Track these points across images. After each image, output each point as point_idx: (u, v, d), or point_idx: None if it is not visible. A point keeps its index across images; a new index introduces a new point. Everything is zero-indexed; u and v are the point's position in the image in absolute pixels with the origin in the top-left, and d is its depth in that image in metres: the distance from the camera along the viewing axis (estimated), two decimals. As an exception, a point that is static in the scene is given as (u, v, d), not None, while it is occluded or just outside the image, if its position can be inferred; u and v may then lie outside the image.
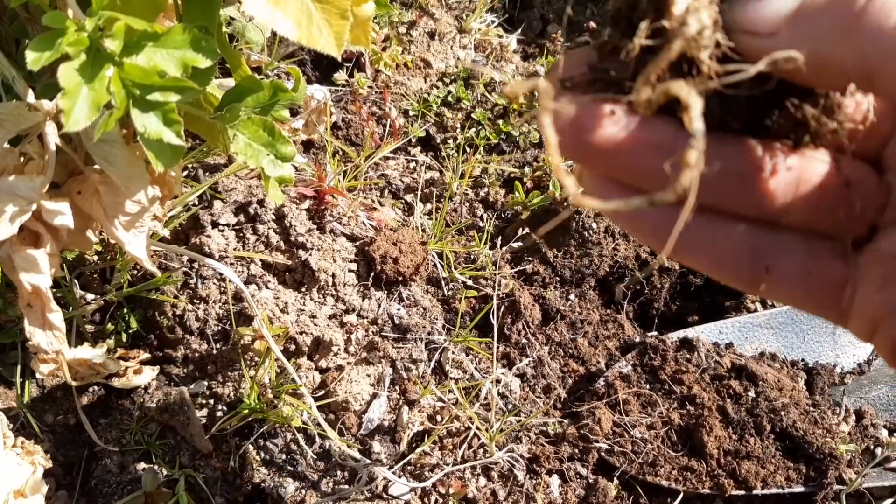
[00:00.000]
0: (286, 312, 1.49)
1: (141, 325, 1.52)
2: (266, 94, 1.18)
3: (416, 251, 1.58)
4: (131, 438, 1.44)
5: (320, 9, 0.99)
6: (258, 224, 1.55)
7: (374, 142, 1.80)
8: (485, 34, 2.02)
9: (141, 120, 1.00)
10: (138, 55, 0.97)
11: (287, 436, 1.44)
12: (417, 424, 1.43)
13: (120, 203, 1.22)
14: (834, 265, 0.53)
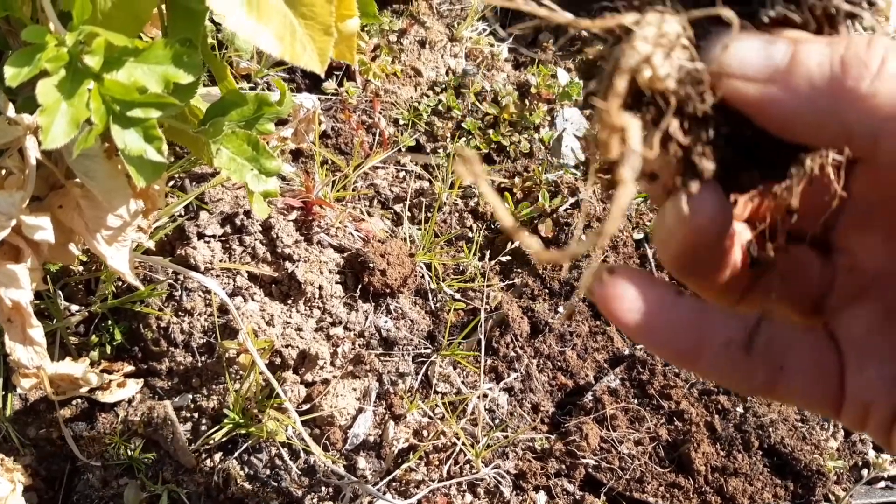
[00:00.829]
0: (272, 325, 1.48)
1: (126, 337, 1.50)
2: (251, 108, 1.16)
3: (404, 263, 1.57)
4: (114, 453, 1.43)
5: (304, 24, 0.98)
6: (245, 235, 1.54)
7: (364, 151, 1.79)
8: (476, 42, 2.01)
9: (121, 136, 0.99)
10: (119, 71, 0.96)
11: (272, 450, 1.42)
12: (403, 441, 1.42)
13: (102, 217, 1.21)
14: (832, 354, 0.53)
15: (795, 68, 0.42)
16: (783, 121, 0.43)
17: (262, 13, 0.97)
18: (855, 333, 0.54)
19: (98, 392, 1.43)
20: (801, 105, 0.42)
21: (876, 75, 0.40)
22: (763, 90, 0.43)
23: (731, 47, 0.44)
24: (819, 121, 0.42)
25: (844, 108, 0.41)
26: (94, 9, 0.99)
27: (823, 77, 0.41)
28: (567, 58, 2.04)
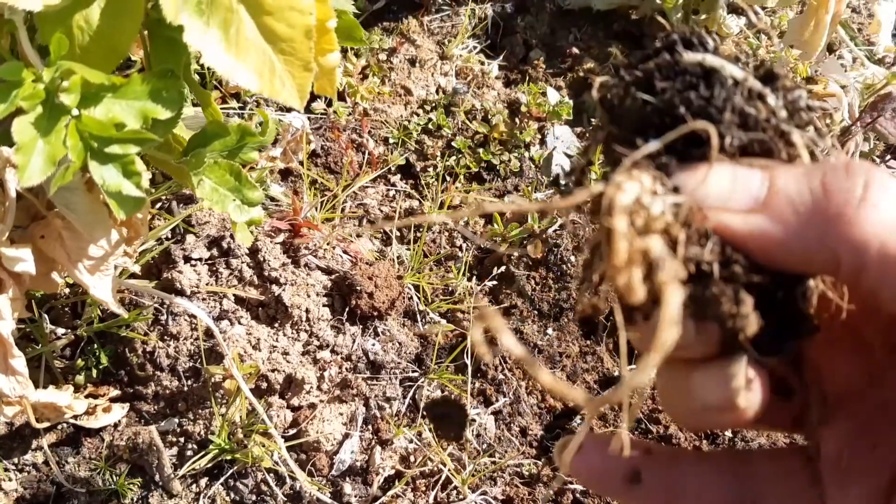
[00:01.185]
0: (258, 349, 1.47)
1: (111, 361, 1.50)
2: (233, 139, 1.16)
3: (392, 285, 1.56)
4: (99, 478, 1.42)
5: (283, 60, 0.97)
6: (231, 258, 1.53)
7: (353, 170, 1.78)
8: (466, 60, 2.00)
9: (99, 172, 0.98)
10: (96, 107, 0.95)
11: (258, 476, 1.42)
12: (389, 467, 1.42)
13: (83, 247, 1.20)
14: (808, 480, 0.53)
15: (775, 197, 0.42)
16: (772, 251, 0.43)
17: (241, 49, 0.96)
18: (831, 453, 0.53)
19: (83, 417, 1.43)
20: (788, 234, 0.42)
21: (861, 201, 0.40)
22: (748, 221, 0.43)
23: (708, 179, 0.44)
24: (807, 250, 0.42)
25: (832, 237, 0.41)
26: (72, 43, 0.99)
27: (805, 204, 0.41)
28: (557, 75, 2.03)
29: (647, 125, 0.49)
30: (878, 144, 1.97)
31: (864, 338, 0.52)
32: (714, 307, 0.44)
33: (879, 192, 0.40)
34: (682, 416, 0.49)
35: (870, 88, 2.01)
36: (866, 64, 2.09)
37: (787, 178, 0.43)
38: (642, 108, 0.51)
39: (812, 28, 1.82)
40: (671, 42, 0.53)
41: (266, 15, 0.96)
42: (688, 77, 0.50)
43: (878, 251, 0.40)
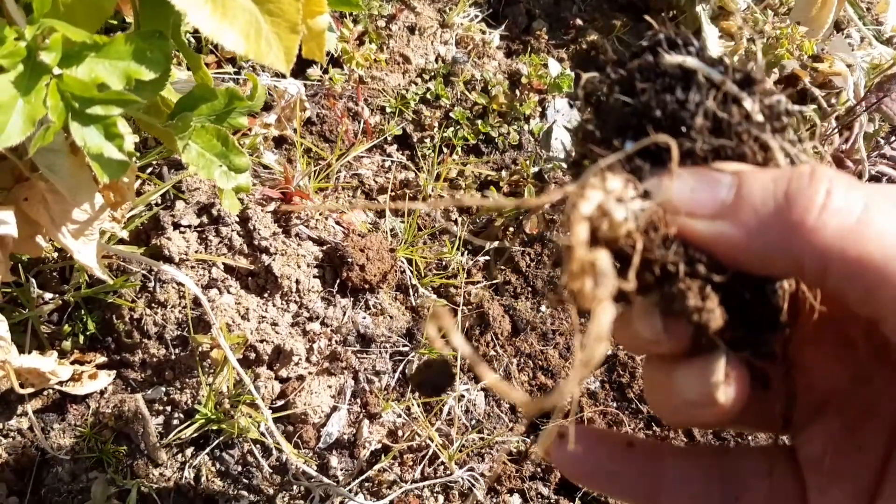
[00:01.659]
0: (247, 319, 1.45)
1: (99, 328, 1.48)
2: (221, 103, 1.13)
3: (384, 258, 1.54)
4: (84, 445, 1.41)
5: (270, 22, 0.94)
6: (221, 226, 1.51)
7: (349, 139, 1.75)
8: (467, 29, 1.97)
9: (80, 133, 0.96)
10: (79, 66, 0.93)
11: (244, 447, 1.40)
12: (376, 441, 1.40)
13: (68, 211, 1.18)
14: (791, 479, 0.55)
15: (741, 203, 0.44)
16: (735, 255, 0.44)
17: (227, 10, 0.93)
18: (814, 453, 0.55)
19: (69, 384, 1.41)
20: (750, 239, 0.43)
21: (822, 208, 0.41)
22: (712, 226, 0.44)
23: (675, 184, 0.45)
24: (769, 254, 0.43)
25: (793, 242, 0.42)
26: (56, 1, 0.96)
27: (769, 211, 0.43)
28: (560, 47, 1.99)
29: (627, 125, 0.50)
30: (884, 125, 1.94)
31: (850, 340, 0.53)
32: (679, 302, 0.46)
33: (841, 198, 0.41)
34: (666, 412, 0.51)
35: (877, 68, 1.97)
36: (874, 43, 2.05)
37: (754, 184, 0.44)
38: (623, 107, 0.51)
39: (819, 5, 1.78)
40: (656, 42, 0.53)
41: (254, -25, 0.93)
42: (667, 79, 0.50)
43: (839, 257, 0.41)
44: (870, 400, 0.52)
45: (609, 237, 0.45)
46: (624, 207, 0.45)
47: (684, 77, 0.49)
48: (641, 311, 0.48)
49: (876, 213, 0.41)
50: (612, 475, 0.55)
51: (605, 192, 0.45)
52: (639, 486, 0.55)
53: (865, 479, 0.51)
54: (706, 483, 0.55)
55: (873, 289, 0.41)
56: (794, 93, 1.98)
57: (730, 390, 0.47)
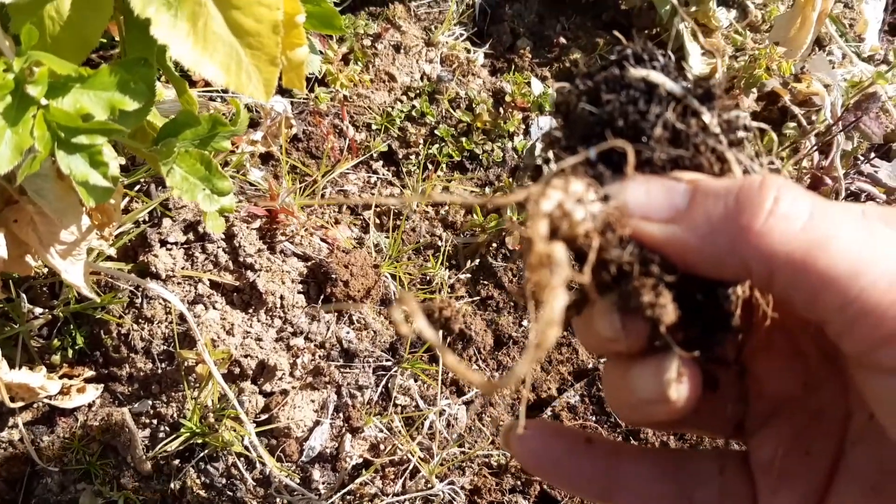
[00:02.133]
0: (232, 334, 1.48)
1: (87, 342, 1.51)
2: (205, 128, 1.16)
3: (368, 274, 1.57)
4: (73, 457, 1.44)
5: (250, 54, 0.98)
6: (207, 243, 1.54)
7: (335, 156, 1.79)
8: (452, 48, 2.00)
9: (66, 162, 0.99)
10: (64, 97, 0.96)
11: (228, 460, 1.43)
12: (357, 456, 1.43)
13: (55, 233, 1.21)
14: (743, 482, 0.57)
15: (694, 208, 0.46)
16: (687, 258, 0.47)
17: (208, 43, 0.96)
18: (765, 457, 0.57)
19: (58, 397, 1.44)
20: (702, 243, 0.45)
21: (769, 213, 0.43)
22: (665, 229, 0.46)
23: (631, 187, 0.48)
24: (719, 257, 0.45)
25: (741, 246, 0.44)
26: (43, 34, 0.99)
27: (719, 216, 0.45)
28: (544, 65, 2.03)
29: (592, 134, 0.53)
30: (862, 143, 1.97)
31: (801, 350, 0.55)
32: (635, 299, 0.48)
33: (788, 205, 0.44)
34: (622, 408, 0.53)
35: (856, 86, 2.01)
36: (854, 61, 2.09)
37: (707, 190, 0.46)
38: (589, 116, 0.54)
39: (798, 25, 1.81)
40: (623, 57, 0.56)
41: (234, 9, 0.96)
42: (631, 91, 0.53)
43: (785, 261, 0.43)
44: (819, 406, 0.55)
45: (568, 235, 0.47)
46: (583, 208, 0.47)
47: (648, 90, 0.52)
48: (601, 310, 0.51)
49: (820, 220, 0.43)
50: (568, 469, 0.57)
51: (565, 193, 0.47)
52: (595, 482, 0.57)
53: (814, 481, 0.54)
54: (661, 483, 0.57)
55: (817, 292, 0.44)
56: (774, 110, 2.02)
57: (682, 388, 0.49)
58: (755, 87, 1.94)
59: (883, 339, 0.42)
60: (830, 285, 0.43)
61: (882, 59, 2.18)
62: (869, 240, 0.43)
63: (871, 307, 0.42)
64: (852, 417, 0.53)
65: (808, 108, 2.00)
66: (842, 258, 0.43)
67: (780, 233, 0.43)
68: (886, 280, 0.42)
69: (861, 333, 0.43)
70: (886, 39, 2.26)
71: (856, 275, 0.42)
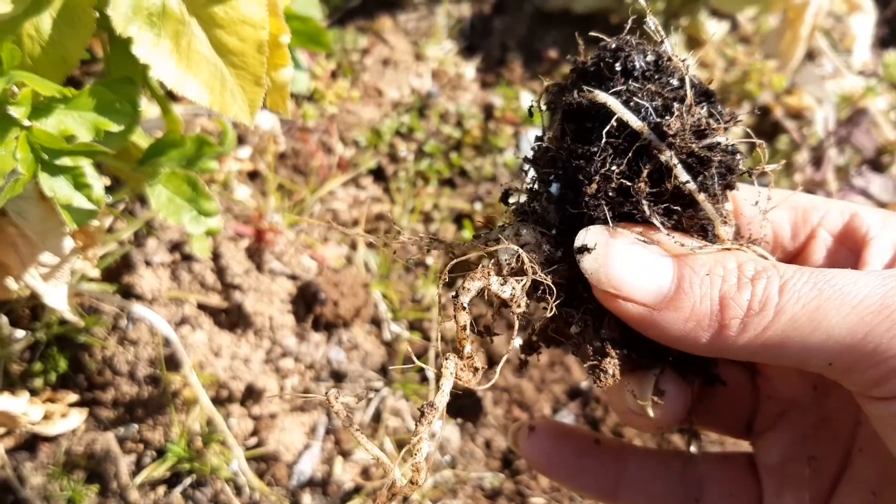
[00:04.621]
0: (219, 356, 1.45)
1: (70, 366, 1.48)
2: (191, 148, 1.14)
3: (358, 293, 1.55)
4: (56, 485, 1.40)
5: (234, 74, 0.95)
6: (193, 262, 1.51)
7: (323, 173, 1.76)
8: (442, 62, 1.98)
9: (49, 184, 0.96)
10: (48, 118, 0.94)
11: (216, 485, 1.40)
12: (348, 480, 1.40)
13: (37, 255, 1.18)
14: (749, 484, 0.59)
15: (681, 299, 0.47)
16: (664, 339, 0.49)
17: (192, 63, 0.94)
18: (772, 460, 0.58)
19: (41, 423, 1.41)
20: (684, 333, 0.47)
21: (747, 313, 0.46)
22: (648, 314, 0.48)
23: (613, 265, 0.49)
24: (698, 345, 0.48)
25: (720, 342, 0.47)
26: (23, 52, 0.97)
27: (704, 315, 0.47)
28: (534, 79, 2.01)
29: (552, 170, 0.55)
30: (855, 157, 1.96)
31: None
32: (583, 360, 0.53)
33: (761, 304, 0.46)
34: (617, 413, 0.57)
35: (847, 100, 2.00)
36: (845, 74, 2.08)
37: (694, 282, 0.48)
38: (547, 152, 0.56)
39: (789, 39, 1.80)
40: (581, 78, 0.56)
41: (218, 28, 0.94)
42: (587, 124, 0.52)
43: (760, 348, 0.46)
44: (827, 412, 0.55)
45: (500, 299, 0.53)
46: (509, 286, 0.52)
47: (600, 122, 0.51)
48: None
49: (787, 316, 0.45)
50: (577, 469, 0.59)
51: (486, 281, 0.53)
52: (603, 481, 0.59)
53: (819, 486, 0.55)
54: (667, 483, 0.59)
55: (801, 364, 0.46)
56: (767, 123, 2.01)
57: (658, 409, 0.52)
58: (745, 100, 1.93)
59: (875, 382, 0.44)
60: (808, 363, 0.45)
61: (872, 73, 2.18)
62: (827, 305, 0.45)
63: (850, 365, 0.44)
64: (861, 426, 0.54)
65: (799, 121, 1.99)
66: (812, 333, 0.45)
67: (751, 335, 0.45)
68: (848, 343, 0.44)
69: (851, 382, 0.46)
70: (876, 54, 2.26)
71: (825, 342, 0.45)
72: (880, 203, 1.91)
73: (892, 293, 0.44)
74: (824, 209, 0.55)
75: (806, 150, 1.93)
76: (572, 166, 0.51)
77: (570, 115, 0.52)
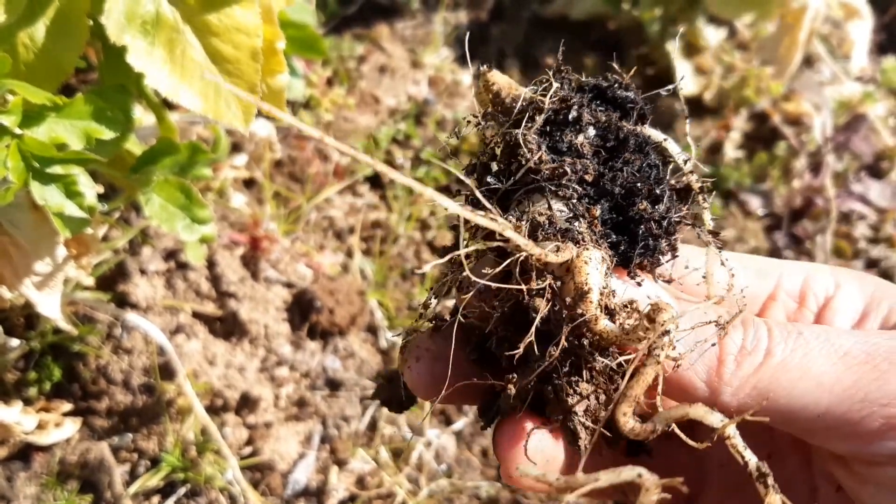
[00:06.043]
0: (214, 365, 1.44)
1: (64, 375, 1.47)
2: (184, 156, 1.13)
3: (354, 301, 1.54)
4: (50, 495, 1.40)
5: (229, 82, 0.95)
6: (189, 271, 1.51)
7: (319, 181, 1.76)
8: (438, 69, 1.98)
9: (41, 192, 0.96)
10: (39, 126, 0.93)
11: (211, 494, 1.39)
12: (343, 490, 1.39)
13: (30, 264, 1.17)
14: None
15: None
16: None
17: (186, 70, 0.93)
18: None
19: (35, 433, 1.40)
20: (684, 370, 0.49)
21: (739, 353, 0.47)
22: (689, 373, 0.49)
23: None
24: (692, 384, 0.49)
25: (714, 381, 0.48)
26: (17, 61, 0.96)
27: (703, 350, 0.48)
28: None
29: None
30: (853, 163, 1.96)
31: (765, 425, 0.55)
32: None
33: (759, 349, 0.47)
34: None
35: (845, 106, 2.00)
36: (843, 80, 2.08)
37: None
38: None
39: (787, 45, 1.80)
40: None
41: (212, 36, 0.93)
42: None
43: (753, 411, 0.47)
44: (787, 478, 0.53)
45: None
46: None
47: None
48: None
49: (777, 359, 0.47)
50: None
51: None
52: None
53: None
54: None
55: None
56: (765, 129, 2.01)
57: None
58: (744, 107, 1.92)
59: (868, 436, 0.46)
60: (798, 413, 0.47)
61: (870, 79, 2.18)
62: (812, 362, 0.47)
63: (842, 416, 0.45)
64: (819, 491, 0.54)
65: (798, 127, 1.99)
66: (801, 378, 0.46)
67: (747, 366, 0.47)
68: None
69: (842, 436, 0.47)
70: (874, 59, 2.26)
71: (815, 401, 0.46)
72: (879, 208, 1.91)
73: (875, 348, 0.46)
74: (779, 271, 0.56)
75: (804, 156, 1.92)
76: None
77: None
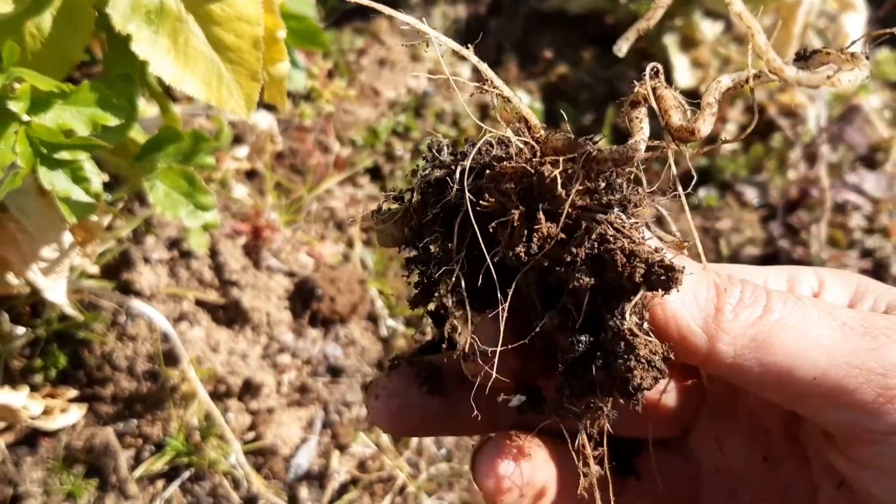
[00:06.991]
0: (217, 352, 1.47)
1: (70, 362, 1.49)
2: (187, 144, 1.16)
3: (354, 290, 1.56)
4: (56, 479, 1.42)
5: (231, 69, 0.97)
6: (192, 259, 1.53)
7: (320, 172, 1.78)
8: (437, 63, 2.00)
9: (48, 178, 0.98)
10: (46, 113, 0.95)
11: (214, 479, 1.42)
12: (345, 473, 1.42)
13: (37, 250, 1.20)
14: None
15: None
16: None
17: (189, 59, 0.96)
18: (714, 467, 0.55)
19: (41, 418, 1.42)
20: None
21: (737, 304, 0.46)
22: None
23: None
24: (689, 329, 0.47)
25: (712, 327, 0.47)
26: (24, 50, 0.98)
27: (701, 294, 0.47)
28: (530, 78, 2.03)
29: None
30: (848, 154, 1.98)
31: (763, 425, 0.55)
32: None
33: (757, 303, 0.47)
34: None
35: (839, 98, 2.02)
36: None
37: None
38: None
39: (781, 39, 1.82)
40: None
41: (215, 25, 0.95)
42: None
43: (751, 368, 0.46)
44: (785, 481, 0.54)
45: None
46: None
47: None
48: None
49: (776, 315, 0.46)
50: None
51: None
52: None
53: None
54: None
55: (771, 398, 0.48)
56: (760, 122, 2.03)
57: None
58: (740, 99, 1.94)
59: (865, 407, 0.45)
60: (794, 372, 0.45)
61: (865, 71, 2.20)
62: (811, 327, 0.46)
63: (838, 381, 0.44)
64: (819, 491, 0.53)
65: (793, 119, 2.01)
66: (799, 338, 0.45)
67: (745, 317, 0.46)
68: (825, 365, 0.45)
69: (840, 405, 0.45)
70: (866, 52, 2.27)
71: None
72: (874, 199, 1.93)
73: (873, 323, 0.45)
74: (764, 275, 0.55)
75: (799, 147, 1.94)
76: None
77: None
